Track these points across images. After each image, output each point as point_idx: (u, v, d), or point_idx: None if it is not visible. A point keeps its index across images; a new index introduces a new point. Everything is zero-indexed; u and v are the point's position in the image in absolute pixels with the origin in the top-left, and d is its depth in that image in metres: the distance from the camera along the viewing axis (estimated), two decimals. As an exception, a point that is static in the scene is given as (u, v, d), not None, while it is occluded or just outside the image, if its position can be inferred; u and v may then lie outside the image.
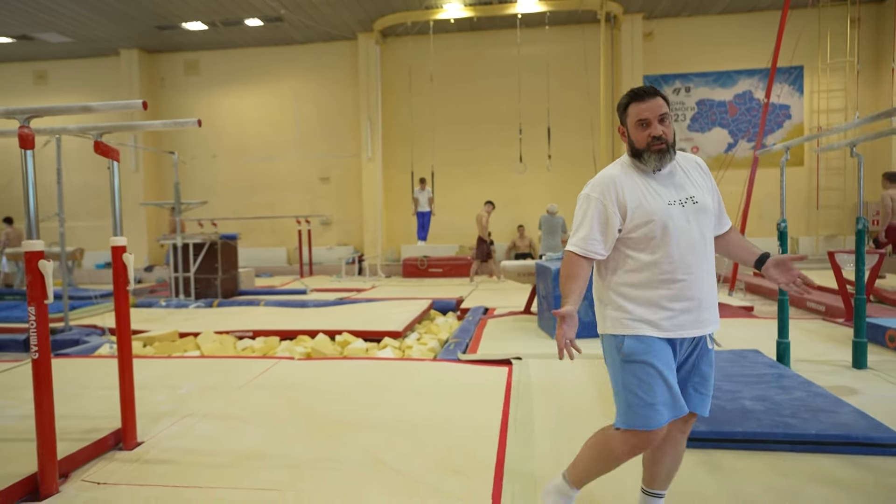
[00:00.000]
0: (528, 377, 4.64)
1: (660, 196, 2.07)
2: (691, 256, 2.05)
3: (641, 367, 2.02)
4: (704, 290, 2.07)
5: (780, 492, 2.64)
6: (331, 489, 2.76)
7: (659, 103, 2.06)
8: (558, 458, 3.03)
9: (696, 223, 2.08)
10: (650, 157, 2.07)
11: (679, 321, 2.05)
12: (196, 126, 3.16)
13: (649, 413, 1.99)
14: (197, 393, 4.38)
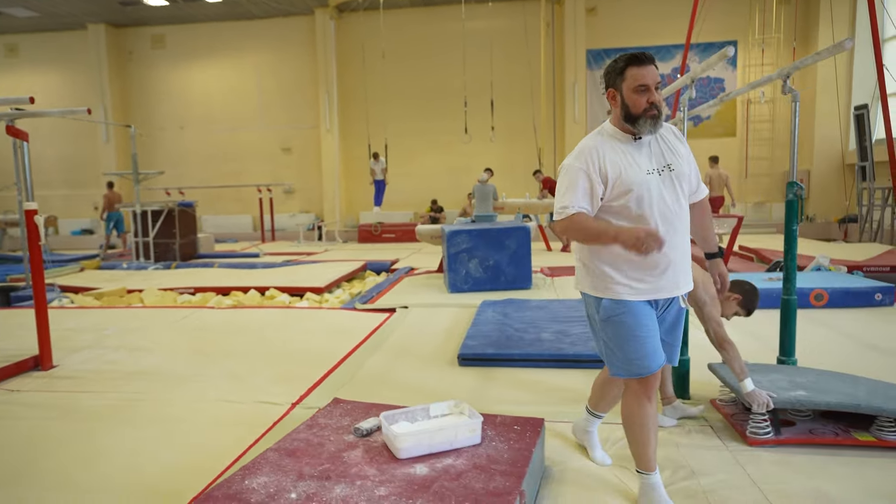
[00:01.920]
0: (402, 322, 5.53)
1: (638, 166, 2.12)
2: (667, 223, 2.11)
3: (618, 324, 2.16)
4: (679, 254, 2.16)
5: (523, 389, 3.56)
6: (185, 393, 3.67)
7: (655, 72, 2.10)
8: (369, 380, 3.93)
9: (673, 190, 2.14)
10: (645, 123, 2.09)
11: (656, 285, 2.15)
12: (86, 114, 3.94)
13: (641, 364, 2.15)
14: (119, 333, 5.27)
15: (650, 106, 2.08)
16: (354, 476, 2.09)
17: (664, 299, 2.19)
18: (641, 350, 2.14)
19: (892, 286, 5.79)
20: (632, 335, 2.14)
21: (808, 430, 2.69)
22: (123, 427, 3.16)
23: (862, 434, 2.64)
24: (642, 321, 2.14)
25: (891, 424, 2.60)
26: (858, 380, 2.97)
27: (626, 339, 2.15)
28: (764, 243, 10.46)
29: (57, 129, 15.95)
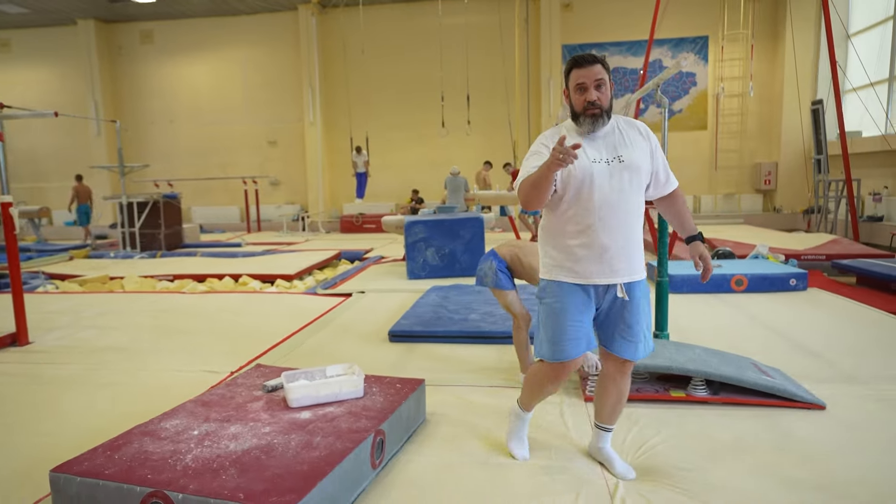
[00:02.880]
0: (353, 305, 6.02)
1: (585, 155, 2.20)
2: (607, 210, 2.18)
3: (552, 307, 2.28)
4: (618, 242, 2.21)
5: (437, 360, 4.05)
6: (140, 364, 4.17)
7: (597, 70, 2.20)
8: (307, 353, 4.43)
9: (619, 181, 2.20)
10: (585, 120, 2.22)
11: (591, 269, 2.23)
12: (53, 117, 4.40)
13: (557, 348, 2.26)
14: (93, 315, 5.77)
15: (588, 104, 2.19)
16: (250, 420, 2.58)
17: (602, 287, 2.25)
18: (561, 333, 2.25)
19: (805, 272, 6.27)
20: (557, 317, 2.26)
21: (636, 389, 3.19)
22: (81, 390, 3.66)
23: (677, 391, 3.14)
24: (570, 307, 2.24)
25: (700, 384, 3.11)
26: (695, 348, 3.47)
27: (552, 320, 2.28)
28: (725, 234, 10.93)
29: (51, 123, 16.39)
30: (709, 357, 3.31)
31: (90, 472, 2.13)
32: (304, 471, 2.11)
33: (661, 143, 2.64)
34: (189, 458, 2.22)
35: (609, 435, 2.54)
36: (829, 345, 4.23)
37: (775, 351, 4.11)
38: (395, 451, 2.69)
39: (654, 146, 2.32)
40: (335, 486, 2.14)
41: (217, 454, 2.25)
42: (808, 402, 3.05)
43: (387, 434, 2.57)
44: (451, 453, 2.70)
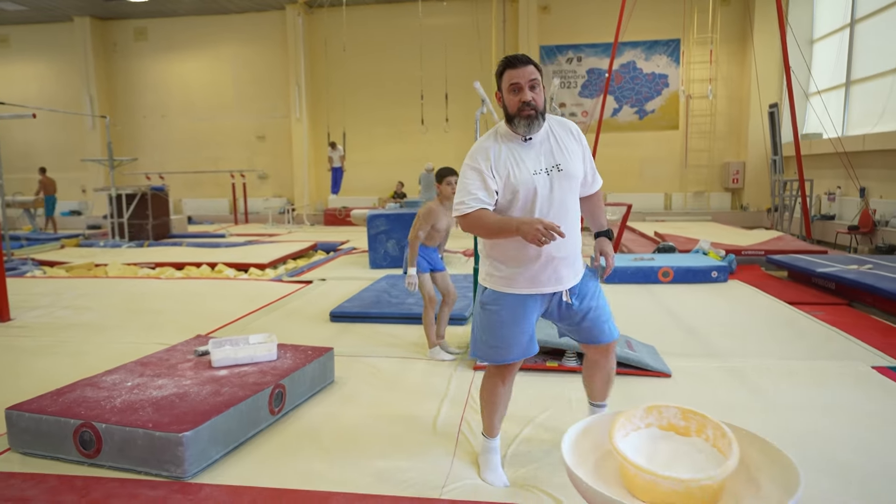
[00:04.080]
0: (311, 291, 6.57)
1: (526, 166, 2.17)
2: (554, 220, 2.12)
3: (490, 314, 2.27)
4: (563, 251, 2.20)
5: (365, 336, 4.61)
6: (104, 338, 4.74)
7: (530, 70, 2.15)
8: (253, 330, 4.99)
9: (560, 190, 2.18)
10: (520, 123, 2.15)
11: (535, 279, 2.22)
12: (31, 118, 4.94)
13: (502, 352, 2.28)
14: (72, 297, 6.34)
15: (523, 105, 2.13)
16: (176, 375, 3.15)
17: (547, 294, 2.26)
18: (504, 341, 2.26)
19: (726, 265, 6.82)
20: (499, 326, 2.25)
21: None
22: (51, 357, 4.23)
23: (552, 362, 3.70)
24: (513, 316, 2.24)
25: (572, 356, 3.67)
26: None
27: (492, 328, 2.27)
28: (689, 230, 11.42)
29: (48, 117, 16.92)
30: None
31: (37, 410, 2.70)
32: (205, 409, 2.67)
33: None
34: (118, 401, 2.79)
35: (604, 409, 2.62)
36: (713, 327, 4.77)
37: (667, 332, 4.66)
38: (298, 403, 3.25)
39: (585, 148, 2.33)
40: (230, 422, 2.70)
41: (141, 398, 2.81)
42: (657, 371, 3.60)
43: (287, 388, 3.14)
44: (343, 406, 3.26)
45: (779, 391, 3.35)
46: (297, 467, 2.58)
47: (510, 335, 2.26)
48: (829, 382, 3.47)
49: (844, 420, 2.96)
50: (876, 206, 10.10)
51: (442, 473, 2.48)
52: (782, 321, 4.96)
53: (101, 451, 2.56)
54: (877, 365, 3.74)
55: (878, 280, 5.85)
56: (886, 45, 10.33)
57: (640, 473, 1.20)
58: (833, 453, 2.62)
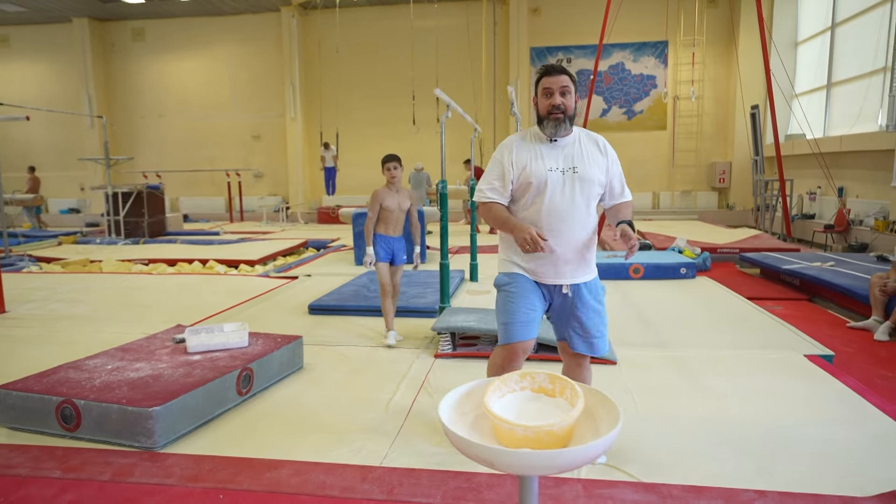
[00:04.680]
0: (295, 286, 6.84)
1: (544, 162, 2.36)
2: (557, 217, 2.34)
3: (504, 293, 2.46)
4: (565, 247, 2.36)
5: (337, 327, 4.88)
6: (93, 329, 5.01)
7: (563, 79, 2.38)
8: (240, 320, 5.27)
9: (571, 189, 2.35)
10: (549, 124, 2.38)
11: (539, 270, 2.41)
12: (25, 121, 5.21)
13: (507, 331, 2.41)
14: (66, 291, 6.62)
15: (553, 108, 2.35)
16: (153, 360, 3.42)
17: (551, 285, 2.43)
18: (512, 315, 2.40)
19: (694, 263, 7.08)
20: (509, 301, 2.42)
21: (476, 348, 4.03)
22: (42, 346, 4.51)
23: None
24: (522, 292, 2.40)
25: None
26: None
27: (504, 305, 2.45)
28: (667, 229, 11.68)
29: (47, 116, 17.21)
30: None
31: (22, 388, 2.97)
32: (175, 389, 2.95)
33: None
34: (98, 381, 3.06)
35: None
36: (669, 320, 5.04)
37: (626, 324, 4.92)
38: (266, 386, 3.53)
39: (611, 161, 2.48)
40: (198, 400, 2.98)
41: (118, 379, 3.09)
42: (603, 359, 3.87)
43: (255, 371, 3.41)
44: (307, 389, 3.54)
45: (710, 377, 3.62)
46: (258, 440, 2.85)
47: (518, 310, 2.39)
48: (759, 369, 3.73)
49: (762, 401, 3.23)
50: (852, 205, 10.34)
51: (386, 445, 2.75)
52: (736, 315, 5.22)
53: (80, 425, 2.83)
54: (809, 354, 4.00)
55: (835, 276, 6.12)
56: (864, 49, 10.57)
57: (501, 423, 1.47)
58: (742, 429, 2.88)
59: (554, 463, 1.37)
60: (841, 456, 2.60)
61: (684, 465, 2.54)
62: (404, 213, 4.48)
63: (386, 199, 4.38)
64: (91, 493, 2.38)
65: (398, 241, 4.48)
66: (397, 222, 4.46)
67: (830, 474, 2.45)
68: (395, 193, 4.40)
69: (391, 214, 4.40)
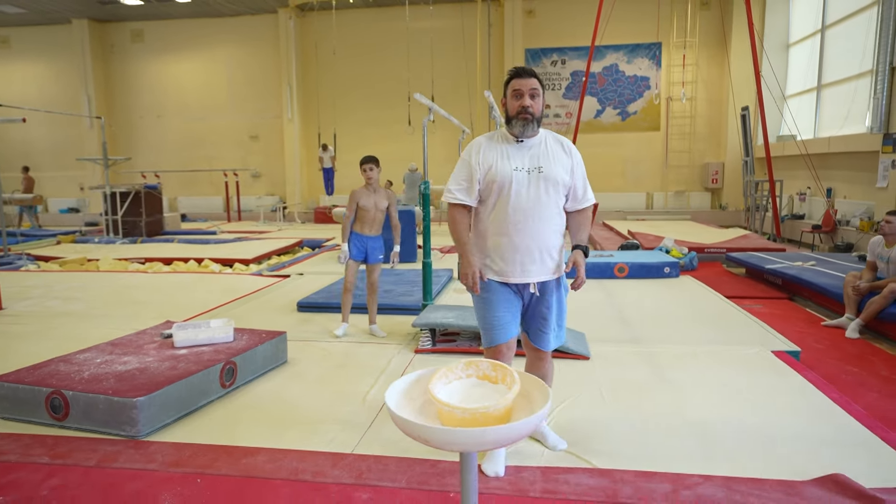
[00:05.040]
0: (286, 285, 6.98)
1: (510, 162, 2.43)
2: (522, 216, 2.40)
3: (479, 300, 2.55)
4: (532, 246, 2.43)
5: (321, 323, 5.02)
6: (88, 325, 5.15)
7: (533, 82, 2.45)
8: (230, 317, 5.41)
9: (536, 189, 2.41)
10: (517, 124, 2.44)
11: (508, 269, 2.46)
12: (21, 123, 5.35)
13: (488, 336, 2.54)
14: (63, 289, 6.76)
15: (522, 109, 2.43)
16: (141, 354, 3.56)
17: (521, 284, 2.49)
18: (489, 322, 2.52)
19: (677, 262, 7.21)
20: (484, 309, 2.53)
21: (455, 343, 4.16)
22: (37, 341, 4.65)
23: (476, 345, 4.11)
24: (494, 298, 2.49)
25: None
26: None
27: (480, 311, 2.57)
28: (658, 229, 11.80)
29: (48, 116, 17.38)
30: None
31: (14, 380, 3.12)
32: (160, 381, 3.09)
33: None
34: (87, 373, 3.20)
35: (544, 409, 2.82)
36: (647, 318, 5.17)
37: (604, 321, 5.06)
38: (250, 379, 3.67)
39: (576, 163, 2.54)
40: (181, 392, 3.12)
41: (107, 371, 3.23)
42: (577, 354, 4.01)
43: (238, 365, 3.55)
44: (289, 382, 3.68)
45: (678, 372, 3.75)
46: (238, 430, 2.99)
47: (493, 317, 2.51)
48: (726, 364, 3.87)
49: (723, 394, 3.37)
50: (840, 206, 10.47)
51: (358, 436, 2.89)
52: (713, 313, 5.35)
53: (68, 415, 2.97)
54: (776, 349, 4.14)
55: (814, 276, 6.25)
56: (854, 51, 10.69)
57: (442, 406, 1.61)
58: (701, 420, 3.02)
59: (484, 439, 1.51)
60: (790, 444, 2.74)
61: (642, 452, 2.68)
62: (382, 212, 4.62)
63: (362, 198, 4.56)
64: (76, 477, 2.52)
65: (374, 240, 4.63)
66: (374, 221, 4.61)
67: (778, 461, 2.58)
68: (373, 193, 4.57)
69: (367, 214, 4.57)
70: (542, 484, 2.41)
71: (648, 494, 2.31)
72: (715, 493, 2.30)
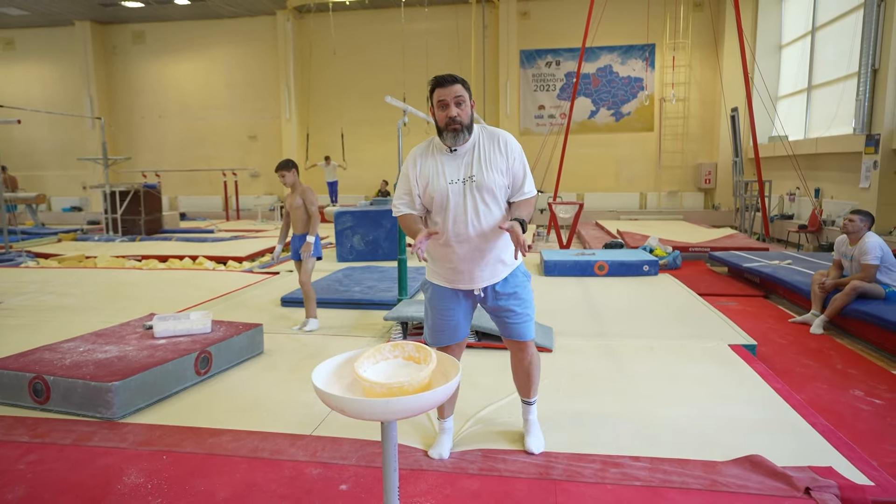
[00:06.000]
0: (276, 281, 7.17)
1: (444, 176, 2.41)
2: (462, 227, 2.40)
3: (428, 303, 2.62)
4: (474, 255, 2.43)
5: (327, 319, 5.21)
6: (79, 319, 5.36)
7: (456, 89, 2.37)
8: (213, 312, 5.61)
9: (472, 199, 2.39)
10: (447, 135, 2.39)
11: (454, 278, 2.51)
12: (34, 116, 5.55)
13: (433, 337, 2.62)
14: (58, 285, 6.98)
15: (449, 120, 2.35)
16: (123, 343, 3.76)
17: (467, 290, 2.52)
18: (435, 326, 2.60)
19: (657, 260, 7.36)
20: (431, 312, 2.61)
21: (415, 335, 4.34)
22: (28, 333, 4.86)
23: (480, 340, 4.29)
24: (440, 305, 2.56)
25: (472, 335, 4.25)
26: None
27: (428, 314, 2.64)
28: (648, 229, 11.93)
29: (51, 116, 17.67)
30: (481, 314, 4.44)
31: (1, 366, 3.31)
32: (135, 367, 3.29)
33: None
34: (68, 361, 3.40)
35: (531, 407, 2.76)
36: (616, 313, 5.34)
37: (575, 316, 5.23)
38: (226, 367, 3.86)
39: (512, 159, 2.45)
40: (156, 378, 3.31)
41: (87, 359, 3.43)
42: (541, 347, 4.18)
43: (213, 354, 3.74)
44: (263, 371, 3.87)
45: (635, 363, 3.92)
46: (209, 413, 3.18)
47: (438, 320, 2.57)
48: (682, 357, 4.04)
49: (672, 384, 3.54)
50: (826, 206, 10.60)
51: (319, 420, 3.07)
52: (682, 309, 5.52)
53: (49, 399, 3.17)
54: (734, 343, 4.30)
55: (788, 274, 6.40)
56: (842, 53, 10.81)
57: (363, 382, 1.79)
58: (646, 407, 3.19)
59: (394, 408, 1.69)
60: (723, 429, 2.91)
61: (583, 436, 2.85)
62: (299, 209, 4.82)
63: (287, 201, 4.90)
64: (52, 454, 2.71)
65: (297, 238, 4.89)
66: (296, 221, 4.86)
67: (709, 445, 2.75)
68: (290, 195, 4.86)
69: (291, 214, 4.86)
70: (480, 464, 2.59)
71: (578, 472, 2.49)
72: (639, 472, 2.48)
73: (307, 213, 4.81)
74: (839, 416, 3.33)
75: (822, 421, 3.00)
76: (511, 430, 2.92)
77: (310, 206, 4.79)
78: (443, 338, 2.60)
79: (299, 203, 4.80)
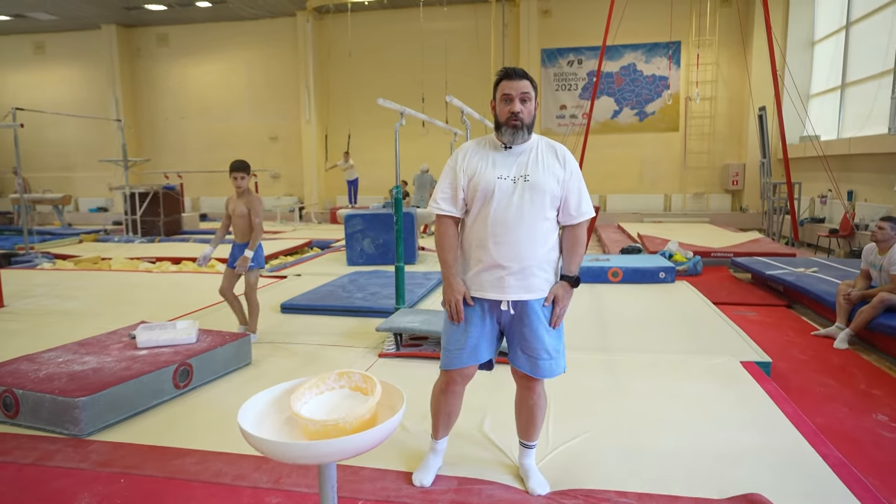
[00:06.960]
0: (283, 286, 7.08)
1: (495, 170, 2.26)
2: (504, 227, 2.21)
3: (446, 315, 2.38)
4: (511, 260, 2.22)
5: (300, 324, 5.08)
6: (82, 324, 5.33)
7: (524, 85, 2.24)
8: (210, 320, 5.52)
9: (520, 198, 2.22)
10: (506, 131, 2.25)
11: (481, 281, 2.27)
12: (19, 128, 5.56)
13: (447, 357, 2.34)
14: (65, 287, 7.00)
15: (512, 115, 2.22)
16: (104, 354, 3.67)
17: (495, 301, 2.27)
18: (448, 342, 2.35)
19: (674, 266, 7.05)
20: (448, 324, 2.36)
21: (420, 348, 4.18)
22: (24, 338, 4.83)
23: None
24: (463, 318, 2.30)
25: None
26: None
27: (444, 327, 2.40)
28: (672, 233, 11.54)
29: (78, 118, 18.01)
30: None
31: (-26, 377, 3.24)
32: (108, 380, 3.18)
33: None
34: (43, 373, 3.32)
35: (529, 451, 2.52)
36: (625, 324, 5.08)
37: (581, 327, 4.99)
38: (210, 380, 3.74)
39: (570, 173, 2.31)
40: (130, 392, 3.20)
41: (63, 371, 3.34)
42: (538, 361, 3.97)
43: (195, 366, 3.63)
44: (248, 384, 3.74)
45: (634, 381, 3.68)
46: (180, 430, 3.06)
47: (452, 336, 2.33)
48: (687, 374, 3.78)
49: (671, 406, 3.29)
50: (860, 209, 10.10)
51: (292, 438, 2.92)
52: (695, 320, 5.23)
53: (19, 413, 3.09)
54: (746, 360, 4.02)
55: (813, 283, 6.05)
56: (877, 48, 10.29)
57: (299, 419, 1.62)
58: (638, 432, 2.96)
59: (322, 451, 1.52)
60: (724, 460, 2.66)
61: (568, 465, 2.64)
62: (242, 219, 4.56)
63: (230, 205, 4.61)
64: (9, 474, 2.62)
65: (238, 247, 4.67)
66: (237, 228, 4.61)
67: (705, 477, 2.51)
68: (237, 200, 4.56)
69: (233, 220, 4.60)
70: (454, 494, 2.40)
71: (556, 509, 2.28)
72: (624, 510, 2.26)
73: (250, 224, 4.54)
74: (857, 444, 3.05)
75: (836, 452, 2.73)
76: (498, 452, 2.72)
77: (254, 216, 4.49)
78: (456, 358, 2.32)
79: (244, 211, 4.52)
